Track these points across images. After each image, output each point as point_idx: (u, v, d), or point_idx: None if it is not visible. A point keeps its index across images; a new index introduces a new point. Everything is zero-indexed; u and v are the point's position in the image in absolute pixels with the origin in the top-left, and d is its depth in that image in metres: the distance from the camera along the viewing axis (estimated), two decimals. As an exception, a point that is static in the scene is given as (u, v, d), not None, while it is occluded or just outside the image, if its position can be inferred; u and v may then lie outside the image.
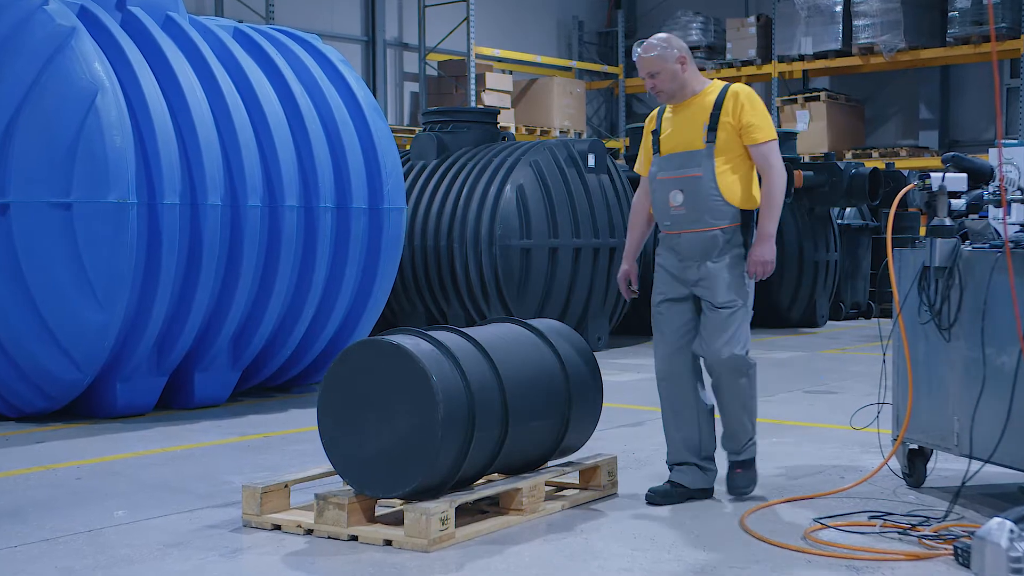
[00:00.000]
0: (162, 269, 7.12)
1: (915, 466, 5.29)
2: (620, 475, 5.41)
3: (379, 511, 4.68)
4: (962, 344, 4.80)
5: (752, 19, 20.07)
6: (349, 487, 4.58)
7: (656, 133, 5.11)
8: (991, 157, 5.20)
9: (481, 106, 17.32)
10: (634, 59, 5.09)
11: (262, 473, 5.67)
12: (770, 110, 20.35)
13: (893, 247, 5.14)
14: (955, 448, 4.88)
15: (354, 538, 4.42)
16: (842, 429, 6.64)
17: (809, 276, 13.67)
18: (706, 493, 5.08)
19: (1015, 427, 4.51)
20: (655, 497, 5.00)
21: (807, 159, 16.86)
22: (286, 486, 4.76)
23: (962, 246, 4.86)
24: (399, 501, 4.63)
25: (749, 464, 5.10)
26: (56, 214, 6.93)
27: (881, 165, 14.49)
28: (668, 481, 5.08)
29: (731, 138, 4.94)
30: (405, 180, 11.21)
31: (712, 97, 5.00)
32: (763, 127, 4.95)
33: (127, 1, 7.63)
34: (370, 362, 4.52)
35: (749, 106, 4.95)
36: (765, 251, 4.90)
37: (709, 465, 5.11)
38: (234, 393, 8.09)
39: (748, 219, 4.96)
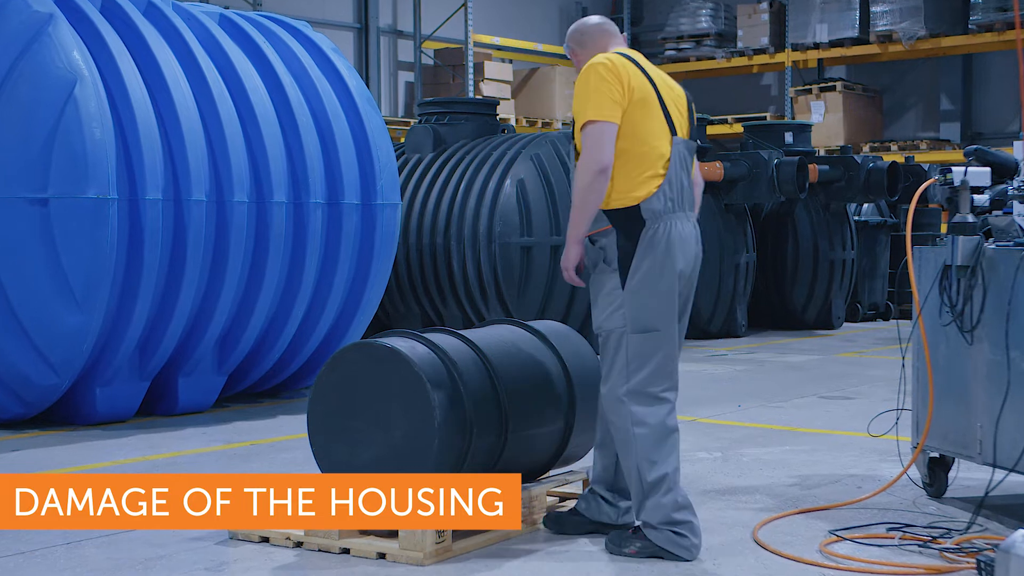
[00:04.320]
0: (144, 268, 7.11)
1: (936, 475, 5.29)
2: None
3: (372, 523, 4.68)
4: (985, 347, 4.80)
5: (765, 5, 20.06)
6: (341, 497, 4.58)
7: None
8: (1016, 150, 5.20)
9: (479, 97, 17.32)
10: None
11: (249, 483, 5.67)
12: (783, 100, 20.35)
13: (913, 245, 5.14)
14: (978, 456, 4.88)
15: (346, 551, 4.42)
16: (859, 436, 6.64)
17: (824, 275, 13.68)
18: (608, 528, 4.65)
19: (1041, 434, 4.52)
20: (548, 522, 4.74)
21: (822, 152, 16.85)
22: (274, 496, 4.76)
23: (985, 244, 4.87)
24: (393, 512, 4.63)
25: (640, 530, 4.43)
26: (32, 210, 6.92)
27: (900, 159, 14.49)
28: (572, 508, 4.79)
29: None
30: (400, 174, 11.23)
31: None
32: (583, 109, 4.36)
33: (107, -14, 7.64)
34: (363, 366, 4.52)
35: (579, 85, 4.41)
36: (563, 256, 4.50)
37: (617, 500, 4.68)
38: (220, 399, 8.09)
39: (619, 221, 4.39)
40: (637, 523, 4.49)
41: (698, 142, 4.64)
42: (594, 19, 4.71)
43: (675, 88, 4.61)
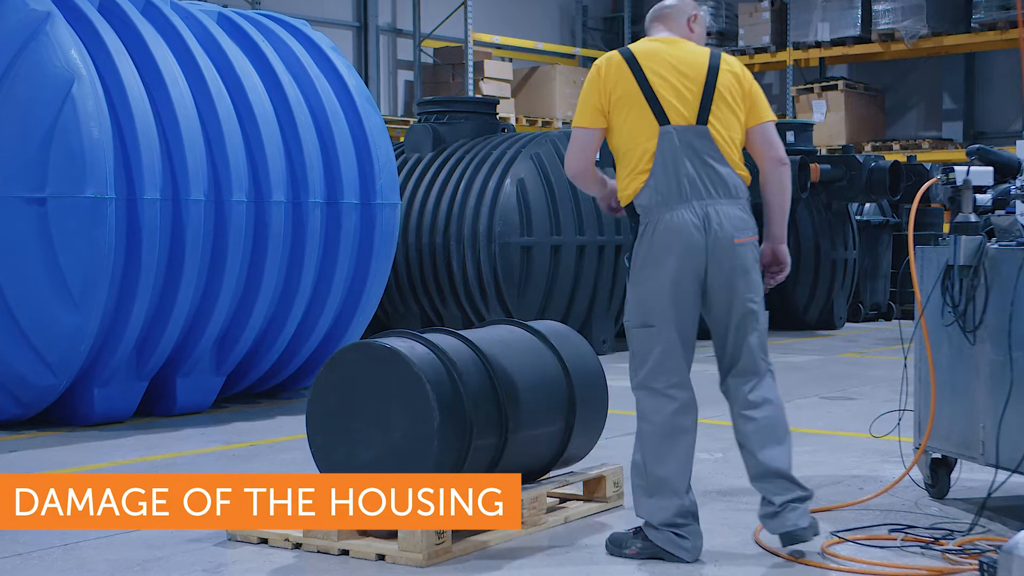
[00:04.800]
0: (142, 268, 7.11)
1: (938, 476, 5.29)
2: (626, 486, 5.41)
3: (371, 524, 4.68)
4: (988, 347, 4.80)
5: (766, 3, 20.07)
6: (340, 498, 4.58)
7: None
8: (1019, 149, 5.20)
9: (479, 96, 17.32)
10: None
11: (248, 484, 5.67)
12: (785, 99, 20.36)
13: (915, 245, 5.14)
14: (980, 457, 4.88)
15: (345, 552, 4.42)
16: (861, 437, 6.64)
17: (826, 275, 13.68)
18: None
19: (1044, 435, 4.52)
20: None
21: (824, 151, 16.85)
22: (273, 497, 4.76)
23: (988, 244, 4.86)
24: (393, 513, 4.63)
25: (641, 530, 4.44)
26: (30, 210, 6.92)
27: (902, 158, 14.50)
28: None
29: None
30: (399, 174, 11.22)
31: None
32: None
33: (105, -16, 7.64)
34: (362, 366, 4.52)
35: None
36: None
37: (771, 496, 4.52)
38: (218, 399, 8.09)
39: (629, 217, 4.51)
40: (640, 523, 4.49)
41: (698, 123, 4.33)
42: (662, 3, 4.68)
43: (688, 71, 4.44)
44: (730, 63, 4.55)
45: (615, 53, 4.51)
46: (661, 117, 4.40)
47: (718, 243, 4.40)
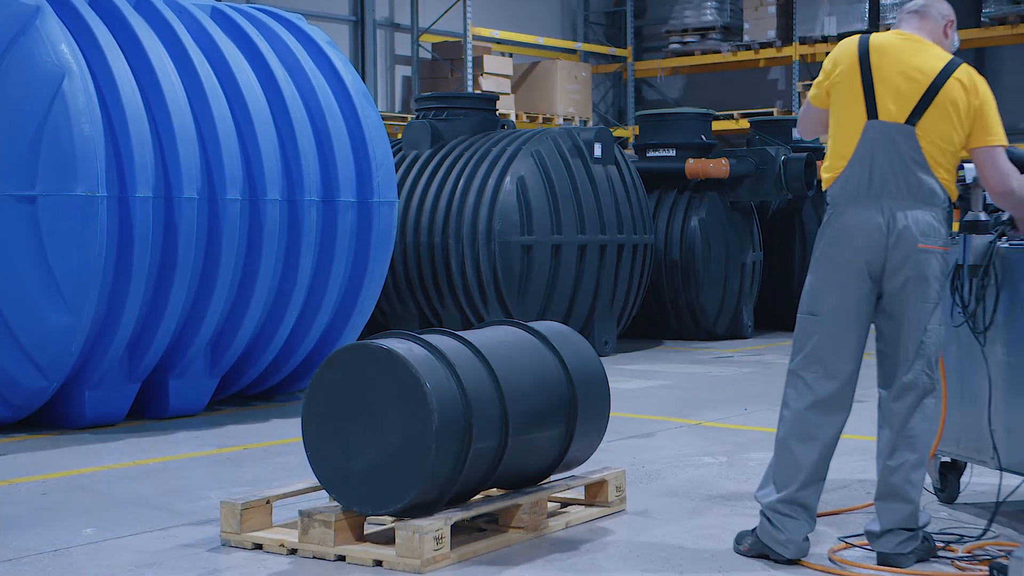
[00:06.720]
0: (134, 268, 7.11)
1: (948, 480, 5.29)
2: (629, 490, 5.41)
3: (368, 529, 4.68)
4: (999, 348, 4.79)
5: (771, -3, 20.05)
6: (336, 503, 4.58)
7: None
8: (1030, 146, 5.18)
9: (479, 91, 17.31)
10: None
11: (242, 488, 5.67)
12: (790, 95, 20.36)
13: (924, 244, 5.12)
14: (991, 461, 4.88)
15: (341, 558, 4.42)
16: (869, 440, 6.62)
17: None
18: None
19: (1056, 438, 4.51)
20: None
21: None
22: (268, 502, 4.77)
23: (998, 243, 4.86)
24: (390, 518, 4.63)
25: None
26: (19, 208, 6.92)
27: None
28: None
29: None
30: (397, 171, 11.23)
31: None
32: None
33: (96, -22, 7.64)
34: (359, 368, 4.52)
35: None
36: None
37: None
38: (212, 402, 8.09)
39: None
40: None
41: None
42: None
43: (916, 73, 4.38)
44: (965, 78, 4.43)
45: (853, 37, 4.53)
46: (871, 111, 4.41)
47: (900, 245, 4.37)
